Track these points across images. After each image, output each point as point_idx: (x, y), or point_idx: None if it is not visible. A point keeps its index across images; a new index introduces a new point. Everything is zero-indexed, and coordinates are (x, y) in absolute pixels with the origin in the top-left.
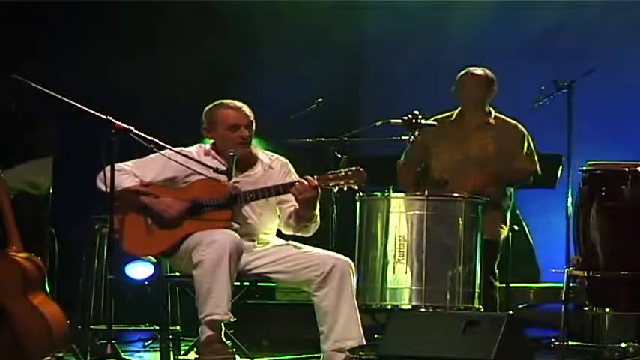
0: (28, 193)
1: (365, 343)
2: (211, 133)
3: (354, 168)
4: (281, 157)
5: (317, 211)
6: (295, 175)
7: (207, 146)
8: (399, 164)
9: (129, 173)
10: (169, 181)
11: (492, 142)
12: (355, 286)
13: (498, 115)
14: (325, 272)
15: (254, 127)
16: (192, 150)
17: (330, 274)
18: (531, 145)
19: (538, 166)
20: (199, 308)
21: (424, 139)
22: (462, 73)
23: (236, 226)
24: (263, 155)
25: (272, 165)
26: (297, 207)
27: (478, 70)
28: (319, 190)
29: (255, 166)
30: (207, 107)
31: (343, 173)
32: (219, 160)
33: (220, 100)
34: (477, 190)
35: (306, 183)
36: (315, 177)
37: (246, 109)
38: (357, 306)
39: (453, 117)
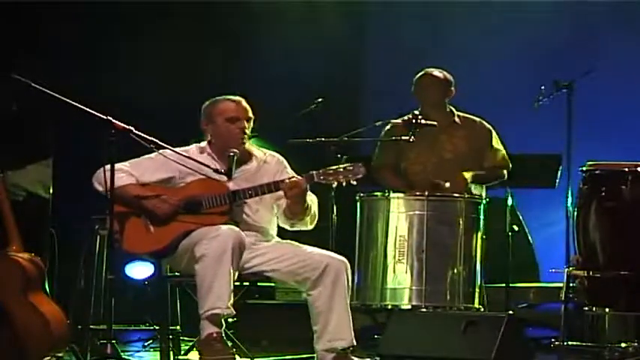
0: (28, 193)
1: (355, 344)
2: (209, 125)
3: (353, 164)
4: (276, 154)
5: (310, 204)
6: (291, 171)
7: (203, 143)
8: (378, 166)
9: (125, 172)
10: (167, 181)
11: (463, 142)
12: (350, 286)
13: (461, 113)
14: (319, 272)
15: (252, 124)
16: (190, 149)
17: (324, 273)
18: (498, 139)
19: (507, 158)
20: (200, 303)
21: (398, 142)
22: (421, 74)
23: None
24: (257, 151)
25: (266, 159)
26: (288, 202)
27: (436, 72)
28: (306, 187)
29: (250, 161)
30: (206, 103)
31: (342, 169)
32: (214, 158)
33: (218, 97)
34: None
35: (295, 180)
36: (314, 172)
37: (245, 103)
38: (349, 306)
39: None
